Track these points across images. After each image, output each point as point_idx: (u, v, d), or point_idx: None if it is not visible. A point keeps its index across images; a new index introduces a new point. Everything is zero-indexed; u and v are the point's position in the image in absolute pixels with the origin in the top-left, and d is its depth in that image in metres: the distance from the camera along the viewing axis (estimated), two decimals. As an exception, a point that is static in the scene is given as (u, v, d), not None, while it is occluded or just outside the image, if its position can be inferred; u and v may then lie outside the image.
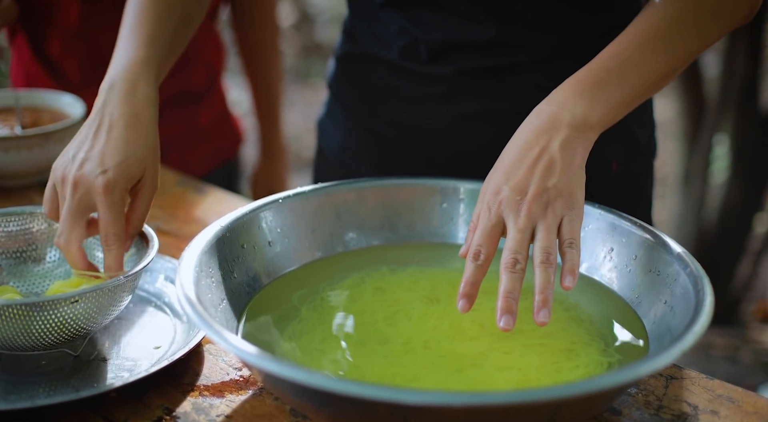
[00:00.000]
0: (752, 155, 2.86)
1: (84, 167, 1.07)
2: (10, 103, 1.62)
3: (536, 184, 0.98)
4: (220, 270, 1.05)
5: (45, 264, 1.18)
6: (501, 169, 1.01)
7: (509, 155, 1.01)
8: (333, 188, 1.18)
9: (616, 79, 1.04)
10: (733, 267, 2.95)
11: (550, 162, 0.99)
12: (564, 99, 1.03)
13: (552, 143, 1.00)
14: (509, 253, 0.96)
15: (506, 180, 0.99)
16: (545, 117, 1.02)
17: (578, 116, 1.01)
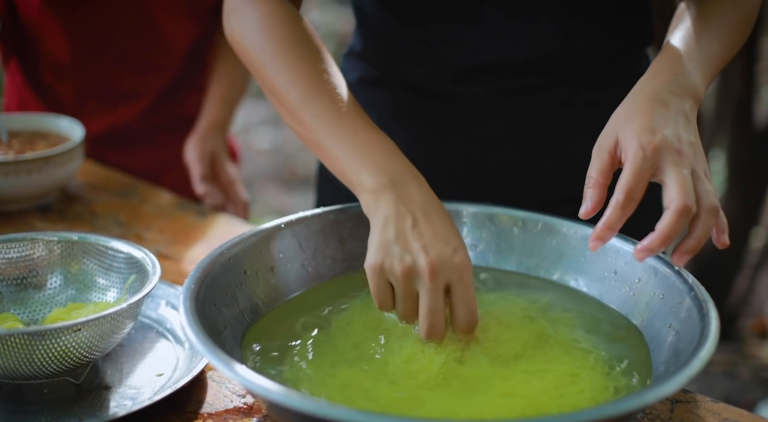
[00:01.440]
0: (748, 170, 2.86)
1: (428, 254, 0.97)
2: (9, 128, 1.62)
3: (687, 137, 0.97)
4: (223, 296, 1.04)
5: (46, 290, 1.18)
6: (642, 115, 0.98)
7: (646, 99, 1.00)
8: (335, 212, 1.18)
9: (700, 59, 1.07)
10: (730, 283, 2.95)
11: (686, 120, 0.98)
12: (679, 69, 1.04)
13: (684, 105, 1.00)
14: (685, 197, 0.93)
15: (658, 125, 0.96)
16: (669, 80, 1.02)
17: (695, 86, 1.03)
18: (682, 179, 0.93)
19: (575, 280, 1.12)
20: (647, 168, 0.95)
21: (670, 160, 0.94)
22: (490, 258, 1.17)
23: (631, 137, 0.96)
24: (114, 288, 1.16)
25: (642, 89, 1.02)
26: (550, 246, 1.14)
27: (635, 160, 0.95)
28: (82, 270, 1.18)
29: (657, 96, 1.00)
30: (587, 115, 1.29)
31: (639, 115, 0.98)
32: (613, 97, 1.29)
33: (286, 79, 1.08)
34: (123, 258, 1.16)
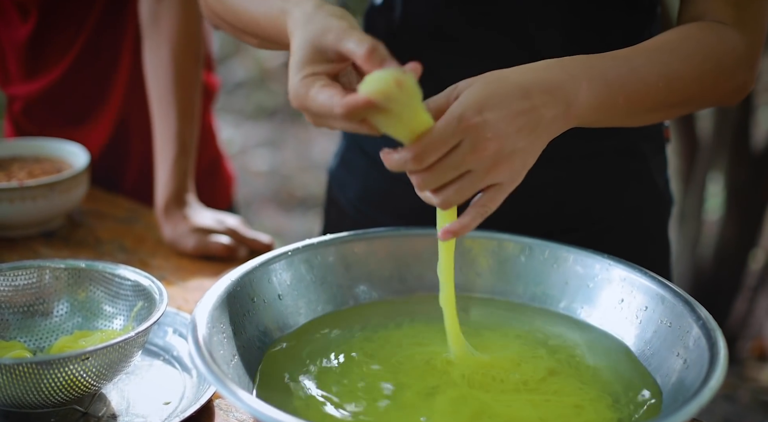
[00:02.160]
0: (746, 192, 2.87)
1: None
2: (12, 154, 1.63)
3: (511, 136, 0.92)
4: (231, 325, 1.04)
5: (53, 318, 1.18)
6: (495, 90, 0.93)
7: (508, 83, 0.95)
8: (341, 239, 1.18)
9: (620, 82, 1.01)
10: (729, 305, 2.96)
11: (535, 123, 0.94)
12: (577, 74, 0.99)
13: (547, 109, 0.95)
14: (426, 177, 0.91)
15: (493, 107, 0.92)
16: (556, 79, 0.97)
17: (577, 102, 0.98)
18: (448, 165, 0.91)
19: (582, 309, 1.12)
20: (451, 138, 0.91)
21: (465, 147, 0.91)
22: (496, 287, 1.17)
23: (458, 104, 0.92)
24: (121, 315, 1.16)
25: (518, 71, 0.97)
26: (557, 274, 1.15)
27: (445, 126, 0.91)
28: (88, 298, 1.18)
29: (531, 87, 0.95)
30: (588, 144, 1.30)
31: (492, 90, 0.94)
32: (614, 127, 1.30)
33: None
34: (130, 285, 1.16)
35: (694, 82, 1.06)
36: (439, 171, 0.92)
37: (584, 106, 0.99)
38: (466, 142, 0.91)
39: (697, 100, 1.10)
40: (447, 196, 0.94)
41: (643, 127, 1.32)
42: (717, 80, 1.08)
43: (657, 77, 1.03)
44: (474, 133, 0.91)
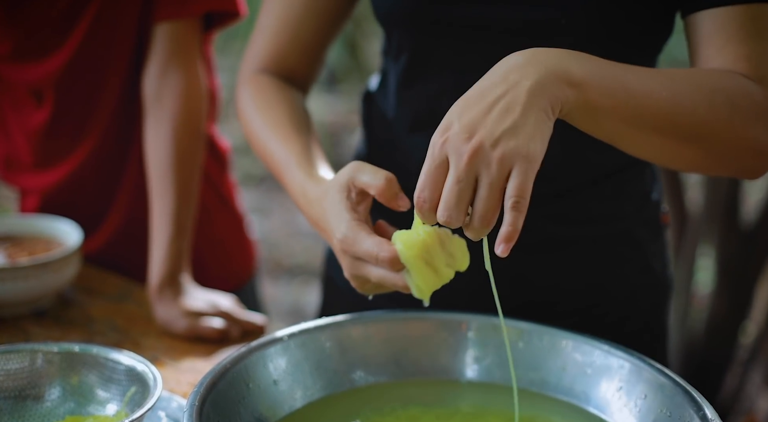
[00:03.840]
0: (737, 266, 2.87)
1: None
2: (6, 231, 1.62)
3: (488, 126, 0.90)
4: (226, 411, 1.03)
5: (44, 403, 1.16)
6: (459, 103, 0.93)
7: (472, 90, 0.94)
8: (337, 324, 1.17)
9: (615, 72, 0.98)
10: (720, 379, 2.94)
11: (512, 102, 0.91)
12: (555, 50, 0.96)
13: (521, 83, 0.92)
14: (443, 211, 0.91)
15: (459, 116, 0.91)
16: (525, 54, 0.94)
17: (562, 65, 0.94)
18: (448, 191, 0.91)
19: (580, 396, 1.11)
20: (437, 165, 0.92)
21: (452, 163, 0.91)
22: (495, 373, 1.16)
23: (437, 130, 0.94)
24: (114, 401, 1.15)
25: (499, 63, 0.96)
26: (554, 360, 1.14)
27: (427, 158, 0.93)
28: (81, 382, 1.17)
29: (496, 76, 0.94)
30: (583, 230, 1.30)
31: (462, 98, 0.94)
32: (611, 212, 1.30)
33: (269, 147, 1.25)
34: (123, 370, 1.15)
35: (704, 109, 1.00)
36: (451, 195, 0.91)
37: (576, 73, 0.95)
38: (451, 157, 0.91)
39: (710, 140, 1.03)
40: (480, 213, 0.91)
41: (640, 212, 1.32)
42: (731, 119, 1.02)
43: (660, 86, 0.99)
44: (451, 145, 0.91)
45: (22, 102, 1.72)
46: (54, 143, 1.71)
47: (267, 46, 1.35)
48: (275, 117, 1.27)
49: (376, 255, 0.98)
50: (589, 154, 1.26)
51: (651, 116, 0.99)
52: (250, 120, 1.30)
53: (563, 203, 1.28)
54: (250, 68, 1.36)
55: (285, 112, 1.28)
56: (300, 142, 1.22)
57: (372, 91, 1.40)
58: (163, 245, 1.52)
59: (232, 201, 1.86)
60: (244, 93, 1.34)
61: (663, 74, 1.01)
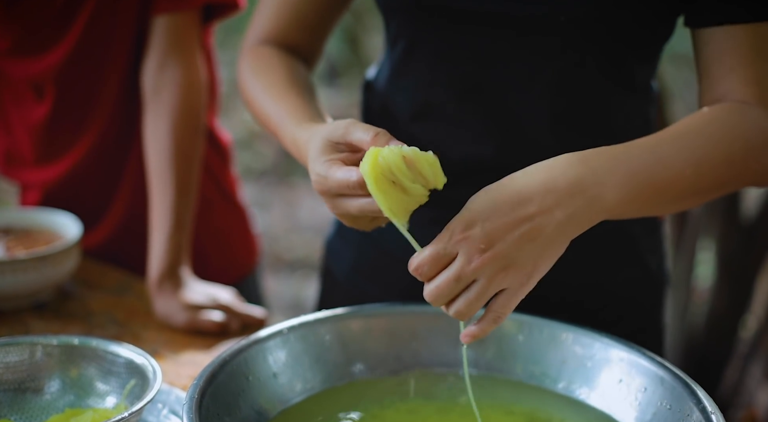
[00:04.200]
0: (737, 260, 2.87)
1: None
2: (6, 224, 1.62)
3: (507, 244, 0.93)
4: (225, 404, 1.03)
5: (44, 395, 1.16)
6: (489, 201, 0.94)
7: (506, 190, 0.95)
8: (337, 317, 1.17)
9: (647, 174, 0.99)
10: (720, 373, 2.94)
11: (537, 229, 0.94)
12: (597, 164, 0.97)
13: (555, 212, 0.94)
14: (431, 293, 0.95)
15: (485, 218, 0.93)
16: (569, 175, 0.96)
17: (601, 194, 0.96)
18: (446, 281, 0.94)
19: (581, 389, 1.11)
20: (445, 254, 0.94)
21: (459, 261, 0.94)
22: (495, 365, 1.16)
23: (458, 216, 0.95)
24: (113, 393, 1.15)
25: (543, 169, 0.97)
26: (555, 353, 1.14)
27: (441, 241, 0.95)
28: (81, 375, 1.17)
29: (535, 189, 0.94)
30: None
31: (495, 194, 0.95)
32: None
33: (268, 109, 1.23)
34: (123, 362, 1.15)
35: (723, 165, 1.04)
36: (445, 286, 0.95)
37: (611, 200, 0.97)
38: (461, 255, 0.94)
39: (727, 185, 1.07)
40: (458, 308, 0.96)
41: None
42: (746, 161, 1.05)
43: (684, 164, 1.01)
44: (466, 246, 0.94)
45: (22, 97, 1.72)
46: (55, 137, 1.71)
47: (268, 23, 1.34)
48: (272, 78, 1.26)
49: (347, 183, 0.97)
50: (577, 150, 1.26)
51: (675, 194, 1.03)
52: (249, 87, 1.30)
53: None
54: (251, 41, 1.36)
55: (282, 73, 1.27)
56: (295, 97, 1.21)
57: (371, 79, 1.40)
58: (162, 238, 1.51)
59: (233, 194, 1.86)
60: (245, 63, 1.33)
61: (687, 143, 1.03)
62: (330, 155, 1.01)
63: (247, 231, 1.90)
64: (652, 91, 1.29)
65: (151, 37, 1.60)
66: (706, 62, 1.13)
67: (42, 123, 1.70)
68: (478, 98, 1.24)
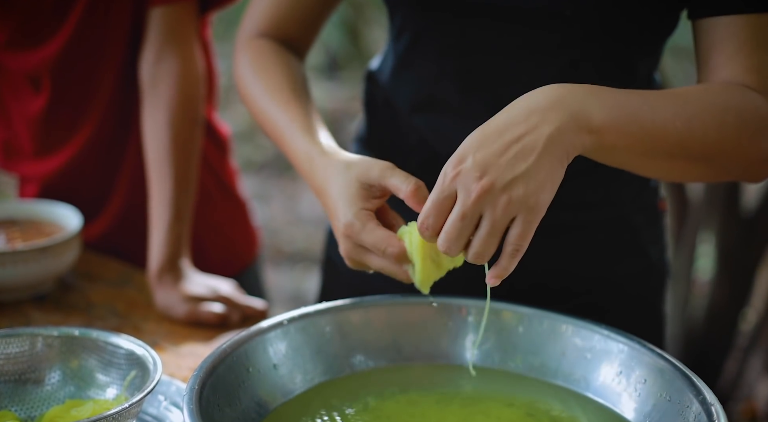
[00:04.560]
0: (737, 253, 2.87)
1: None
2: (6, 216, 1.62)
3: (501, 168, 0.92)
4: (226, 396, 1.03)
5: (44, 386, 1.16)
6: (477, 135, 0.95)
7: (492, 123, 0.95)
8: (338, 308, 1.17)
9: (633, 108, 0.99)
10: (719, 366, 2.95)
11: (529, 147, 0.93)
12: (578, 88, 0.97)
13: (540, 128, 0.94)
14: (443, 243, 0.95)
15: (474, 150, 0.93)
16: (549, 94, 0.96)
17: (585, 110, 0.96)
18: (451, 225, 0.94)
19: (581, 381, 1.11)
20: (445, 197, 0.94)
21: (459, 198, 0.93)
22: (495, 357, 1.16)
23: (449, 160, 0.95)
24: (114, 384, 1.15)
25: (522, 98, 0.97)
26: (554, 344, 1.14)
27: (436, 186, 0.95)
28: (81, 366, 1.17)
29: (518, 113, 0.95)
30: (577, 216, 1.30)
31: (482, 129, 0.95)
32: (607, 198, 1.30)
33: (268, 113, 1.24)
34: (123, 354, 1.15)
35: (714, 130, 1.02)
36: (453, 229, 0.94)
37: (596, 118, 0.96)
38: (460, 192, 0.93)
39: (719, 159, 1.05)
40: (475, 251, 0.95)
41: (636, 199, 1.32)
42: (740, 136, 1.04)
43: (674, 116, 1.00)
44: (462, 180, 0.93)
45: (20, 89, 1.72)
46: (53, 130, 1.71)
47: (265, 12, 1.34)
48: (275, 82, 1.26)
49: (384, 249, 1.01)
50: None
51: (664, 146, 1.01)
52: (248, 84, 1.30)
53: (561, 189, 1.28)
54: (247, 33, 1.35)
55: (284, 76, 1.27)
56: (301, 107, 1.22)
57: (374, 70, 1.40)
58: (162, 231, 1.52)
59: (233, 187, 1.86)
60: (243, 58, 1.33)
61: (677, 99, 1.02)
62: (364, 203, 1.04)
63: (246, 224, 1.90)
64: (654, 83, 1.29)
65: (148, 29, 1.60)
66: (706, 51, 1.12)
67: (40, 115, 1.70)
68: (482, 91, 1.24)
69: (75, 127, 1.70)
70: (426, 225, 0.96)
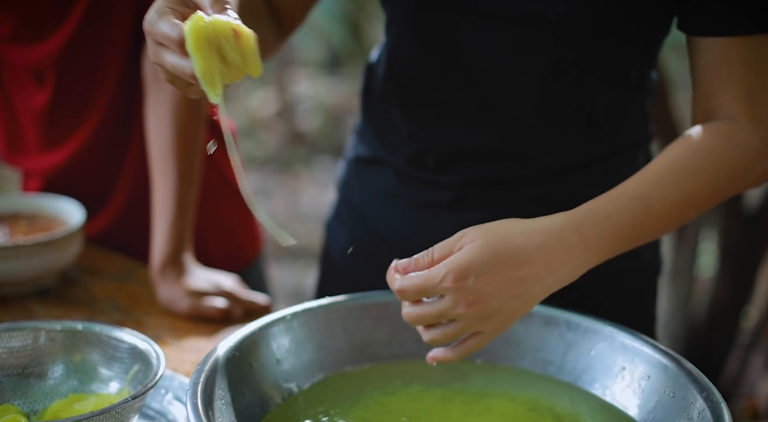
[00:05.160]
0: (739, 250, 2.87)
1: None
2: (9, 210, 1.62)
3: (494, 301, 0.97)
4: (229, 391, 1.03)
5: (47, 380, 1.16)
6: (489, 256, 0.97)
7: (506, 248, 0.98)
8: (341, 303, 1.17)
9: (634, 225, 1.04)
10: (721, 363, 2.94)
11: (524, 290, 0.99)
12: (590, 234, 1.02)
13: (544, 278, 0.99)
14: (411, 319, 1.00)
15: (479, 273, 0.96)
16: (564, 246, 1.00)
17: (589, 261, 1.03)
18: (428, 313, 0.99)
19: (584, 377, 1.11)
20: (430, 290, 0.98)
21: (446, 302, 0.97)
22: (498, 353, 1.16)
23: (455, 260, 0.97)
24: (117, 378, 1.15)
25: (532, 234, 1.00)
26: (557, 340, 1.14)
27: (431, 277, 0.97)
28: (84, 360, 1.17)
29: (531, 250, 0.99)
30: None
31: (494, 246, 0.98)
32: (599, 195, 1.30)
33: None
34: (126, 348, 1.15)
35: (708, 196, 1.09)
36: (425, 315, 0.99)
37: (595, 262, 1.03)
38: (448, 298, 0.97)
39: (711, 207, 1.12)
40: (433, 336, 1.01)
41: None
42: (733, 184, 1.10)
43: (671, 206, 1.06)
44: (456, 294, 0.97)
45: (24, 83, 1.72)
46: (57, 124, 1.71)
47: None
48: None
49: (168, 35, 0.95)
50: (580, 138, 1.26)
51: (659, 232, 1.09)
52: None
53: (552, 186, 1.28)
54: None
55: None
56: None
57: (372, 63, 1.40)
58: (164, 225, 1.51)
59: (236, 182, 1.85)
60: None
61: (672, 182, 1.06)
62: (171, 3, 0.97)
63: (251, 219, 1.90)
64: (650, 84, 1.29)
65: None
66: (701, 73, 1.16)
67: (43, 109, 1.69)
68: (469, 86, 1.24)
69: (79, 121, 1.70)
70: (402, 294, 0.99)
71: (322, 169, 5.18)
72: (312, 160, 5.33)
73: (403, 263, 1.01)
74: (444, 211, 1.32)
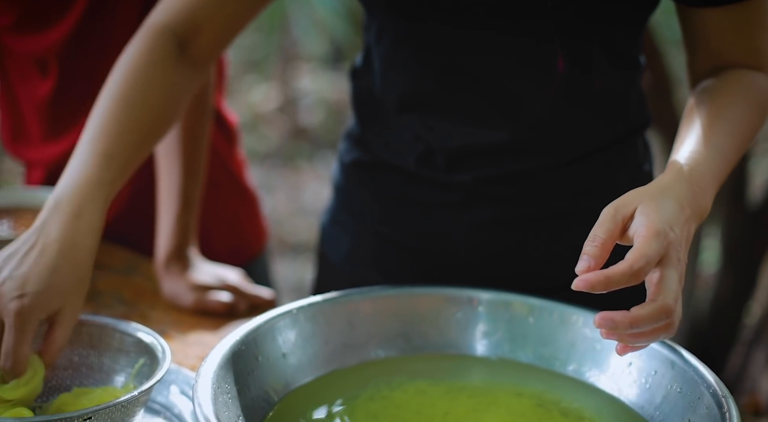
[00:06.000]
0: (742, 246, 2.87)
1: (3, 286, 1.06)
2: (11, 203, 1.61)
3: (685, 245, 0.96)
4: (235, 385, 1.03)
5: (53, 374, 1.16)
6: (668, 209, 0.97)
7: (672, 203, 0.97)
8: (347, 298, 1.17)
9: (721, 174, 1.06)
10: (723, 359, 2.95)
11: (688, 242, 0.98)
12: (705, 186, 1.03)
13: (691, 225, 0.98)
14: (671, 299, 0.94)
15: (672, 226, 0.95)
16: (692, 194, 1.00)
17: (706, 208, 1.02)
18: (675, 283, 0.93)
19: (591, 372, 1.11)
20: (654, 255, 0.93)
21: (672, 261, 0.93)
22: (505, 347, 1.16)
23: (652, 221, 0.94)
24: (122, 372, 1.15)
25: (670, 186, 1.00)
26: (564, 335, 1.14)
27: (648, 242, 0.93)
28: (89, 354, 1.16)
29: (681, 204, 0.98)
30: (578, 203, 1.30)
31: (666, 207, 0.96)
32: (605, 185, 1.30)
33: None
34: (132, 342, 1.15)
35: (757, 128, 1.16)
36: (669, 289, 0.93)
37: (709, 208, 1.04)
38: (672, 256, 0.93)
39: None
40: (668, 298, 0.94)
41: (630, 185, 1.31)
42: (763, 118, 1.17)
43: (736, 154, 1.09)
44: (674, 248, 0.93)
45: (27, 73, 1.71)
46: (60, 114, 1.71)
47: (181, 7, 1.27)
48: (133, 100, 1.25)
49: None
50: (582, 127, 1.26)
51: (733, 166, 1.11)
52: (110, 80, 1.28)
53: (555, 175, 1.28)
54: (155, 20, 1.28)
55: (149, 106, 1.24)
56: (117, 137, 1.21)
57: (358, 68, 1.39)
58: (169, 219, 1.51)
59: (240, 176, 1.85)
60: (132, 49, 1.28)
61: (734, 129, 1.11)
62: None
63: (255, 215, 1.90)
64: (641, 65, 1.30)
65: None
66: (708, 36, 1.19)
67: (47, 99, 1.69)
68: (474, 85, 1.24)
69: (82, 111, 1.69)
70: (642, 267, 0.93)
71: (324, 163, 5.17)
72: (314, 154, 5.33)
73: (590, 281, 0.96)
74: (456, 210, 1.31)
